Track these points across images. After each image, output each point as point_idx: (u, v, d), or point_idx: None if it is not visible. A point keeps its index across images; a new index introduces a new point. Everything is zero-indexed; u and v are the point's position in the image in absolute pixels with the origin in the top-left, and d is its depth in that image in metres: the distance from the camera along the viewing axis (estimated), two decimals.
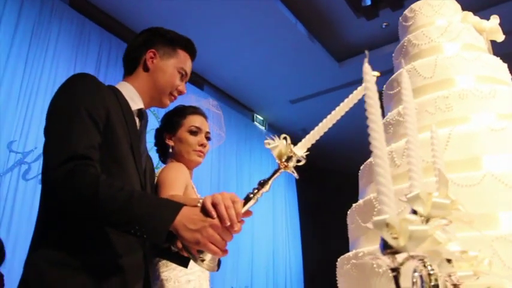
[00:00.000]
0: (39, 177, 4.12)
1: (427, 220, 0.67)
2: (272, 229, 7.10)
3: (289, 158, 0.98)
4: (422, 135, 1.58)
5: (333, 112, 1.01)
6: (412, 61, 2.14)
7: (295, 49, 6.08)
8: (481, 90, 1.81)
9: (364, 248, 1.55)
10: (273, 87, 6.92)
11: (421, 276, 0.69)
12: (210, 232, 0.99)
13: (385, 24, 5.99)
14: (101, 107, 1.22)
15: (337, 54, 6.49)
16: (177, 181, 1.69)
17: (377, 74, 0.92)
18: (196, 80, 6.38)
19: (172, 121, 1.93)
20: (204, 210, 1.02)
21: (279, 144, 0.98)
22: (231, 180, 6.61)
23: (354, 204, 1.84)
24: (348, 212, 1.92)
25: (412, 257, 0.56)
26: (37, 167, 4.15)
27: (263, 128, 7.80)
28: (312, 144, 1.01)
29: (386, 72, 6.88)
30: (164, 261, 1.71)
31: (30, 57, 4.35)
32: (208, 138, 1.95)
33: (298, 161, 0.99)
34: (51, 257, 1.13)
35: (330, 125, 1.01)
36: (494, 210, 1.43)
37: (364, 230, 1.67)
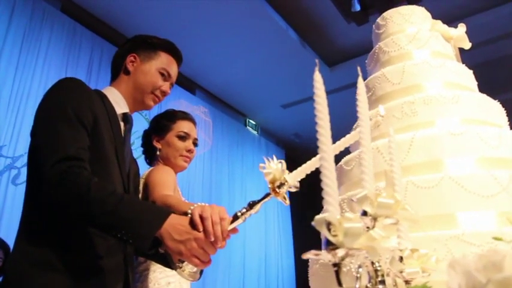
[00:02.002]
0: None
1: (375, 219, 0.71)
2: (264, 233, 7.10)
3: (281, 185, 0.98)
4: (386, 140, 1.63)
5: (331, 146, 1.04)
6: (382, 67, 2.20)
7: (286, 54, 6.12)
8: (445, 96, 1.85)
9: None
10: (265, 92, 6.95)
11: (368, 273, 0.72)
12: (193, 245, 1.02)
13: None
14: (88, 111, 1.25)
15: (328, 59, 6.55)
16: (168, 182, 1.71)
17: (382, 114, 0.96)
18: (188, 84, 6.39)
19: (162, 124, 1.95)
20: (192, 222, 1.04)
21: (272, 171, 0.98)
22: (223, 185, 6.61)
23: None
24: (316, 216, 1.95)
25: (350, 252, 0.60)
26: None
27: (255, 132, 7.82)
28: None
29: None
30: (145, 263, 1.72)
31: (21, 62, 4.33)
32: (195, 145, 1.97)
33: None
34: (33, 256, 1.14)
35: (318, 165, 1.02)
36: (452, 211, 1.48)
37: None
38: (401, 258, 0.88)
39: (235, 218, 1.04)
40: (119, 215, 1.05)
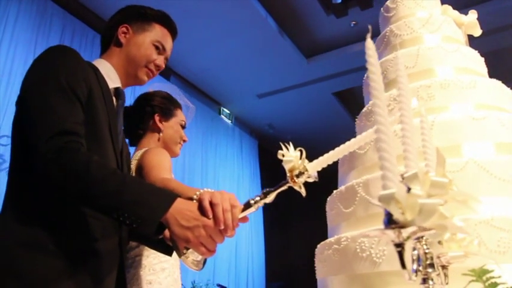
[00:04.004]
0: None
1: None
2: None
3: (300, 174, 0.94)
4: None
5: (353, 140, 1.00)
6: (393, 50, 2.19)
7: (264, 43, 6.06)
8: (462, 81, 1.85)
9: (346, 233, 1.56)
10: (240, 80, 6.88)
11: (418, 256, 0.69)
12: (202, 232, 0.95)
13: (353, 23, 6.06)
14: (82, 82, 1.16)
15: (306, 51, 6.53)
16: (167, 165, 1.63)
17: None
18: (163, 70, 6.24)
19: (167, 107, 1.87)
20: (200, 208, 0.97)
21: (293, 159, 0.93)
22: (196, 172, 6.54)
23: (334, 191, 1.85)
24: (328, 199, 1.92)
25: (418, 231, 0.57)
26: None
27: (229, 121, 7.76)
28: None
29: (355, 70, 6.93)
30: (138, 249, 1.65)
31: None
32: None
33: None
34: (22, 237, 1.04)
35: (346, 152, 0.99)
36: (476, 195, 1.51)
37: (345, 216, 1.68)
38: (439, 242, 0.85)
39: (248, 205, 0.98)
40: (122, 196, 0.96)
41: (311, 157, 0.94)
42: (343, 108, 7.64)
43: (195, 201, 1.00)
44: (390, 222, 0.56)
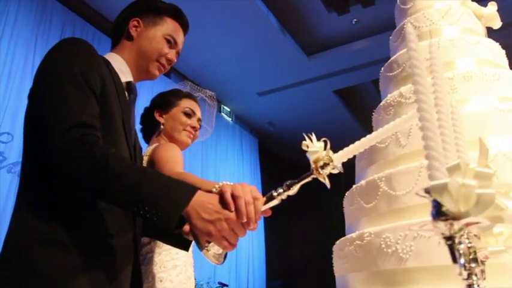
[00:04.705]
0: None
1: None
2: None
3: (324, 165, 0.92)
4: None
5: (380, 129, 0.97)
6: None
7: (265, 40, 6.03)
8: (486, 73, 1.83)
9: (369, 228, 1.53)
10: (241, 78, 6.86)
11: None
12: (224, 226, 0.92)
13: (355, 20, 6.05)
14: (96, 75, 1.13)
15: (307, 48, 6.50)
16: (179, 159, 1.61)
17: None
18: None
19: (167, 100, 1.86)
20: (222, 201, 0.95)
21: (319, 150, 0.91)
22: (196, 170, 6.51)
23: (354, 186, 1.83)
24: (346, 194, 1.90)
25: (471, 223, 0.54)
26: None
27: (230, 119, 7.73)
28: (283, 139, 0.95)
29: (356, 68, 6.90)
30: (149, 245, 1.63)
31: None
32: (199, 126, 1.90)
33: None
34: (38, 233, 1.02)
35: (373, 143, 0.96)
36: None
37: (366, 211, 1.66)
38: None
39: (270, 198, 0.96)
40: (142, 189, 0.93)
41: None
42: (343, 106, 7.62)
43: (212, 193, 0.98)
44: (439, 214, 0.54)
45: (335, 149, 0.93)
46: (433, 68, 0.77)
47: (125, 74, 1.34)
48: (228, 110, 7.71)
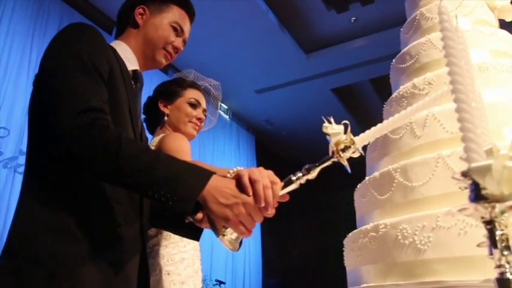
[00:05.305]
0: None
1: None
2: None
3: (345, 148, 0.89)
4: (444, 106, 1.59)
5: (403, 112, 0.96)
6: (425, 34, 2.12)
7: (264, 38, 6.01)
8: (502, 64, 1.81)
9: (385, 220, 1.51)
10: (239, 75, 6.83)
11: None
12: (241, 210, 0.90)
13: (353, 18, 6.04)
14: (104, 61, 1.11)
15: (306, 46, 6.49)
16: (187, 149, 1.58)
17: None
18: None
19: (171, 89, 1.83)
20: (239, 185, 0.92)
21: (340, 132, 0.89)
22: None
23: (366, 178, 1.81)
24: (358, 187, 1.88)
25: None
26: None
27: (227, 117, 7.70)
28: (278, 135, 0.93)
29: (354, 66, 6.89)
30: (156, 238, 1.60)
31: None
32: (204, 116, 1.87)
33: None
34: (44, 222, 0.99)
35: (396, 126, 0.94)
36: None
37: (380, 203, 1.64)
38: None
39: (289, 182, 0.93)
40: (156, 173, 0.91)
41: (309, 152, 0.90)
42: (341, 105, 7.62)
43: (227, 177, 0.96)
44: (479, 197, 0.53)
45: None
46: (447, 49, 0.75)
47: (131, 62, 1.32)
48: (226, 107, 7.68)
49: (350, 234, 1.71)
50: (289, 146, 8.80)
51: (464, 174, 0.59)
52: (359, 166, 1.49)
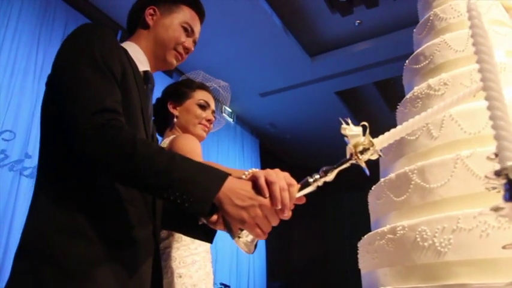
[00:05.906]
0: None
1: None
2: None
3: (364, 150, 0.88)
4: (462, 106, 1.58)
5: (423, 113, 0.94)
6: (440, 35, 2.11)
7: (268, 41, 6.01)
8: None
9: (402, 222, 1.50)
10: (243, 79, 6.82)
11: None
12: (258, 212, 0.89)
13: (358, 22, 6.04)
14: (117, 62, 1.11)
15: (310, 49, 6.48)
16: (198, 151, 1.58)
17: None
18: None
19: (180, 91, 1.83)
20: (255, 187, 0.92)
21: (359, 133, 0.88)
22: None
23: (381, 179, 1.79)
24: (373, 188, 1.86)
25: None
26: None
27: (231, 120, 7.69)
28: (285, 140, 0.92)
29: (359, 69, 6.89)
30: (167, 240, 1.60)
31: None
32: (214, 118, 1.87)
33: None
34: (59, 223, 0.99)
35: (415, 127, 0.93)
36: None
37: (396, 205, 1.62)
38: None
39: (306, 184, 0.93)
40: (172, 175, 0.91)
41: (313, 156, 0.89)
42: (345, 108, 7.60)
43: (242, 178, 0.95)
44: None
45: (337, 150, 0.90)
46: (478, 46, 0.75)
47: (142, 63, 1.32)
48: (230, 110, 7.67)
49: (366, 236, 1.69)
50: (294, 149, 8.78)
51: (498, 173, 0.58)
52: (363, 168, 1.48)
